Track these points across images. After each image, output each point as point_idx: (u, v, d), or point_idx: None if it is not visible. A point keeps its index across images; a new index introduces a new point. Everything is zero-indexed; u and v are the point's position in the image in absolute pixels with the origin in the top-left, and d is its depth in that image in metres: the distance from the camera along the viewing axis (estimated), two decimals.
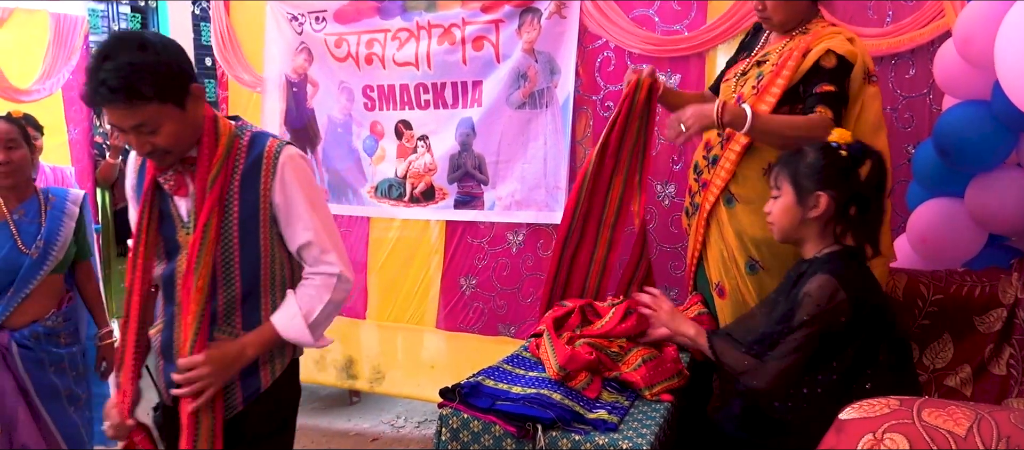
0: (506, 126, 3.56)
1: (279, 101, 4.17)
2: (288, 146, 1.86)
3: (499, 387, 1.88)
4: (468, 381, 1.91)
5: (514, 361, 2.10)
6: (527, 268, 3.68)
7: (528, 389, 1.85)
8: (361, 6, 3.81)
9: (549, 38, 3.40)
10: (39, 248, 2.58)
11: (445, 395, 1.88)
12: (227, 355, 1.81)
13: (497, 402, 1.79)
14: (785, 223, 2.00)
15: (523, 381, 1.94)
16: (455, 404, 1.84)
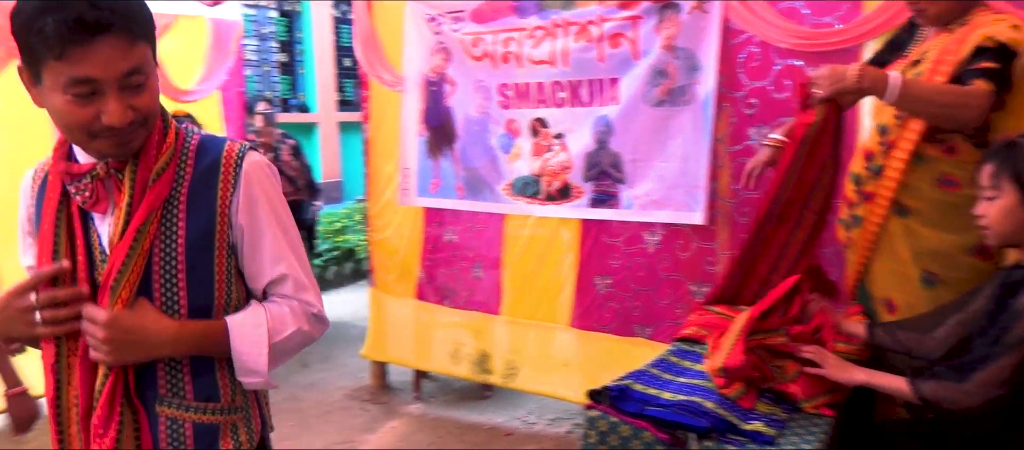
0: (644, 124, 3.50)
1: (418, 100, 4.28)
2: (252, 151, 1.44)
3: (648, 392, 1.85)
4: (615, 384, 1.88)
5: (661, 365, 2.06)
6: (664, 269, 3.62)
7: (678, 395, 1.82)
8: (498, 5, 3.85)
9: (690, 34, 3.32)
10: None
11: (593, 397, 1.87)
12: (138, 328, 1.32)
13: (647, 407, 1.76)
14: (1006, 227, 1.80)
15: (673, 387, 1.90)
16: (604, 407, 1.82)
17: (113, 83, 1.23)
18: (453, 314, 4.41)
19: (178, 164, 1.37)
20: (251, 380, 1.43)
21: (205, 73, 5.02)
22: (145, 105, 1.28)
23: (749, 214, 3.32)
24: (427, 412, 4.52)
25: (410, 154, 4.37)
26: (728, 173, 3.37)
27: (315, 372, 5.23)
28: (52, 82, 1.22)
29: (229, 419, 1.45)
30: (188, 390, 1.41)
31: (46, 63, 1.21)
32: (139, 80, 1.26)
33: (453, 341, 4.44)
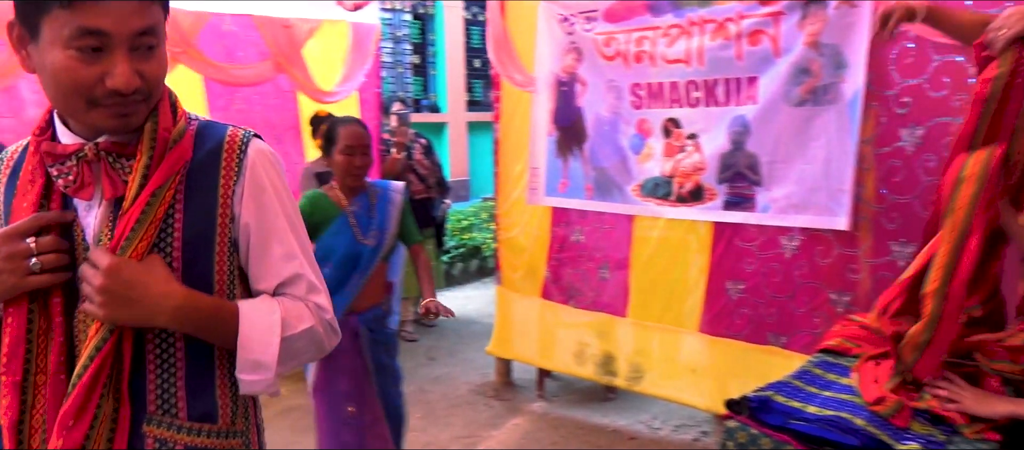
0: (784, 124, 3.36)
1: (548, 100, 4.29)
2: (257, 137, 1.31)
3: (792, 404, 1.77)
4: (756, 395, 1.81)
5: (804, 377, 1.96)
6: (802, 275, 3.46)
7: (825, 410, 1.72)
8: (632, 4, 3.80)
9: (836, 29, 3.15)
10: (375, 237, 2.85)
11: (731, 407, 1.81)
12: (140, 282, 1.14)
13: (790, 420, 1.69)
14: None
15: (818, 401, 1.80)
16: (743, 418, 1.76)
17: (124, 41, 1.09)
18: (578, 314, 4.40)
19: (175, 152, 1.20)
20: (255, 378, 1.23)
21: (345, 75, 5.23)
22: (152, 73, 1.14)
23: (897, 220, 3.13)
24: (550, 411, 4.53)
25: (539, 154, 4.39)
26: (875, 176, 3.18)
27: (442, 366, 5.35)
28: (53, 35, 1.07)
29: (226, 445, 1.25)
30: (181, 407, 1.21)
31: (49, 10, 1.06)
32: (150, 42, 1.13)
33: (577, 341, 4.43)
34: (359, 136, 2.84)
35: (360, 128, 2.88)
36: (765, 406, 1.74)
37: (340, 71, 5.24)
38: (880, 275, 3.21)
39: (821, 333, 3.39)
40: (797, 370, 2.03)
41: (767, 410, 1.73)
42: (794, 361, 3.49)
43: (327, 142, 2.92)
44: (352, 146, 2.81)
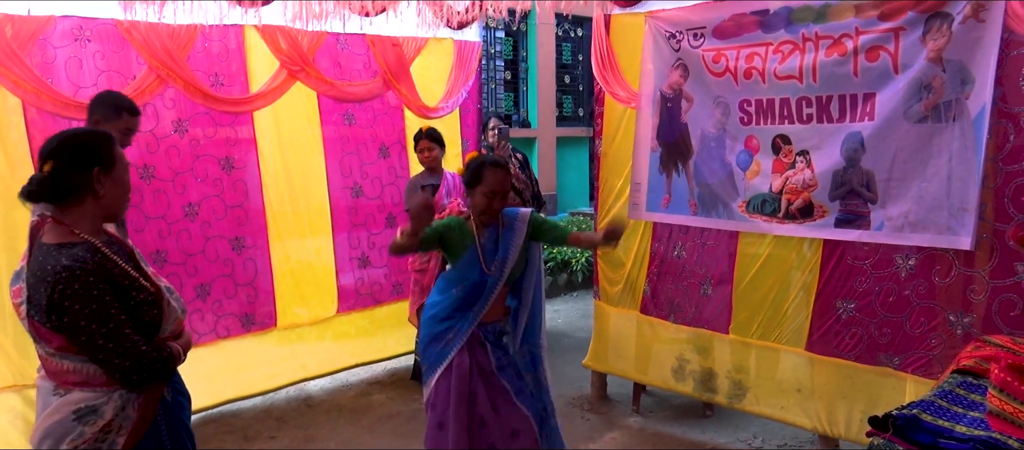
0: (902, 141, 3.31)
1: (652, 116, 4.32)
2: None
3: (940, 423, 1.76)
4: (902, 413, 1.80)
5: (949, 397, 1.94)
6: (918, 295, 3.39)
7: (975, 430, 1.71)
8: (742, 20, 3.80)
9: (961, 44, 3.09)
10: (497, 268, 3.11)
11: (875, 424, 1.80)
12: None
13: (941, 440, 1.68)
14: None
15: (966, 420, 1.79)
16: (888, 436, 1.75)
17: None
18: (678, 330, 4.39)
19: None
20: None
21: (448, 91, 5.37)
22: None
23: None
24: (646, 427, 4.53)
25: (642, 169, 4.42)
26: (1002, 195, 3.10)
27: None
28: None
29: None
30: None
31: None
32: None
33: (676, 357, 4.42)
34: (502, 182, 3.05)
35: (505, 174, 3.07)
36: (914, 425, 1.73)
37: (443, 87, 5.38)
38: (1004, 296, 3.13)
39: (938, 355, 3.32)
40: (937, 389, 2.00)
41: (915, 428, 1.72)
42: (907, 383, 3.43)
43: (472, 178, 3.08)
44: (495, 191, 3.03)
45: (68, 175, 2.02)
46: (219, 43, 4.37)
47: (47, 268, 1.96)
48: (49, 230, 2.05)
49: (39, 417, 2.09)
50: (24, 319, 2.03)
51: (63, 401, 2.04)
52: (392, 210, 5.33)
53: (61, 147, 2.04)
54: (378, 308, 5.32)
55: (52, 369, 2.06)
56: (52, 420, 2.04)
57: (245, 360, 4.65)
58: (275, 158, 4.68)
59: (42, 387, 2.11)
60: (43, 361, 2.09)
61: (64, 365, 2.04)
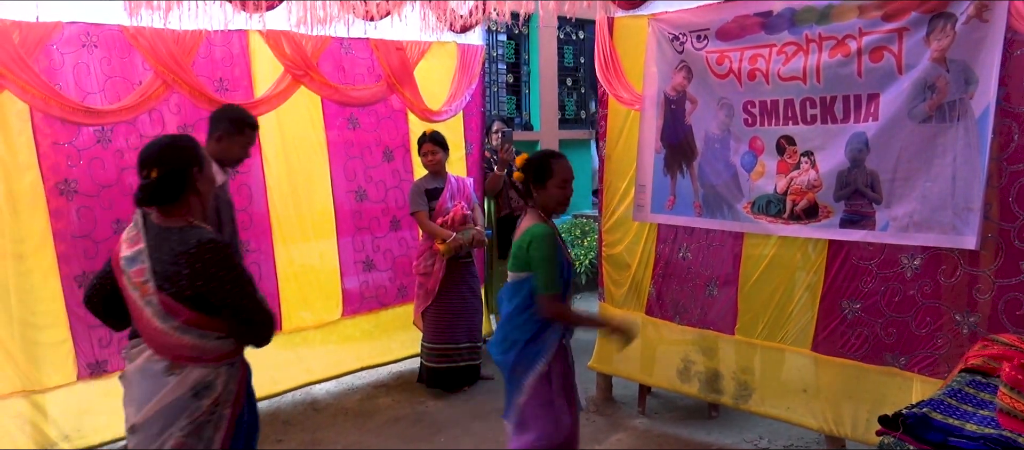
0: (907, 141, 3.31)
1: (656, 118, 4.33)
2: None
3: (950, 422, 1.77)
4: (912, 411, 1.81)
5: (958, 395, 1.95)
6: (924, 295, 3.39)
7: (986, 428, 1.72)
8: (746, 22, 3.82)
9: (965, 44, 3.10)
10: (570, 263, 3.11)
11: (885, 423, 1.81)
12: None
13: (950, 437, 1.68)
14: None
15: (976, 419, 1.79)
16: (898, 434, 1.76)
17: None
18: (684, 331, 4.40)
19: None
20: None
21: (451, 94, 5.38)
22: None
23: None
24: (652, 428, 4.53)
25: (646, 171, 4.43)
26: (1007, 194, 3.11)
27: None
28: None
29: None
30: None
31: None
32: None
33: (682, 358, 4.43)
34: (571, 169, 3.05)
35: (569, 161, 3.06)
36: (924, 423, 1.74)
37: (447, 91, 5.39)
38: (1010, 295, 3.14)
39: (945, 354, 3.33)
40: (946, 388, 2.01)
41: (925, 427, 1.73)
42: (913, 382, 3.43)
43: (540, 173, 3.02)
44: (568, 179, 3.02)
45: (172, 178, 2.30)
46: (223, 48, 4.39)
47: (189, 242, 2.26)
48: (162, 219, 2.33)
49: (147, 399, 2.29)
50: (151, 295, 2.27)
51: (180, 380, 2.29)
52: (396, 213, 5.34)
53: (162, 154, 2.32)
54: (383, 311, 5.33)
55: (169, 344, 2.28)
56: (172, 398, 2.28)
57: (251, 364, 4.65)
58: (279, 162, 4.69)
59: (148, 368, 2.31)
60: (157, 338, 2.29)
61: (184, 340, 2.28)
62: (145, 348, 2.34)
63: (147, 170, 2.31)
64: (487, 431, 4.40)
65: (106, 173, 4.02)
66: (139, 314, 2.32)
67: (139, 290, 2.30)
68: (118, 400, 2.31)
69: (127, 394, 2.39)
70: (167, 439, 2.29)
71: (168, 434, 2.29)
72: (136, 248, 2.33)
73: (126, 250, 2.35)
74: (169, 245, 2.29)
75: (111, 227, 4.02)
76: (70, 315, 3.90)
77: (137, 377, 2.35)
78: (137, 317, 2.34)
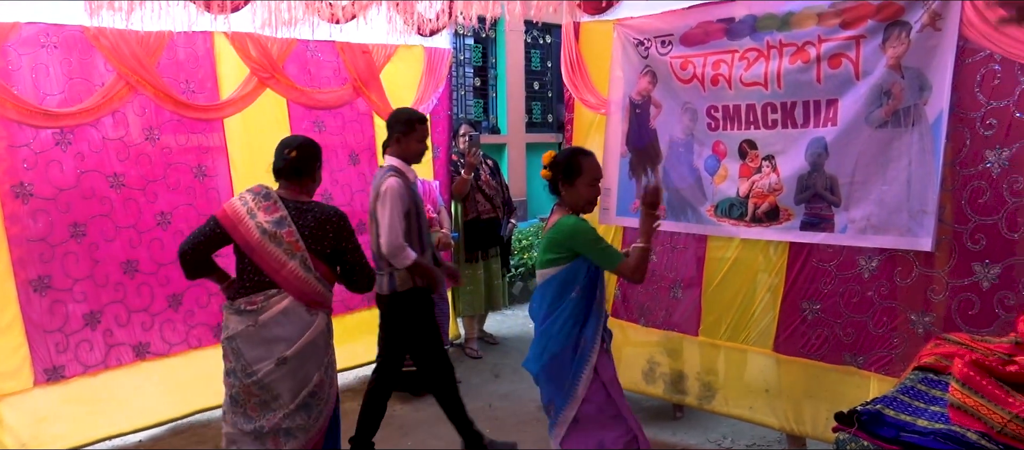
0: (864, 146, 3.40)
1: (621, 122, 4.38)
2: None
3: (902, 418, 1.82)
4: (866, 408, 1.87)
5: (910, 392, 2.01)
6: (881, 296, 3.48)
7: (936, 423, 1.77)
8: (709, 28, 3.88)
9: (919, 52, 3.20)
10: None
11: (841, 420, 1.86)
12: None
13: (902, 433, 1.74)
14: None
15: (927, 415, 1.85)
16: (853, 430, 1.81)
17: None
18: (648, 333, 4.45)
19: None
20: None
21: (418, 97, 5.39)
22: None
23: (982, 241, 3.14)
24: None
25: (612, 175, 4.47)
26: (959, 197, 3.20)
27: (507, 383, 5.42)
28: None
29: None
30: None
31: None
32: None
33: (647, 359, 4.47)
34: (600, 168, 3.06)
35: (597, 159, 3.06)
36: (877, 419, 1.79)
37: (414, 94, 5.39)
38: (963, 296, 3.23)
39: (900, 353, 3.41)
40: (899, 386, 2.07)
41: (879, 423, 1.78)
42: (871, 381, 3.51)
43: (569, 170, 3.00)
44: (598, 177, 3.02)
45: (304, 161, 3.04)
46: (188, 50, 4.34)
47: (330, 213, 3.04)
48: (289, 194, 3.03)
49: (298, 335, 2.95)
50: (302, 251, 2.93)
51: (319, 321, 3.01)
52: (362, 217, 5.31)
53: (302, 143, 3.11)
54: (348, 315, 5.30)
55: (309, 291, 2.96)
56: (315, 334, 3.00)
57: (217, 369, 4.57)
58: (246, 165, 4.66)
59: (294, 311, 2.95)
60: (300, 286, 2.93)
61: (318, 288, 2.99)
62: (285, 296, 2.92)
63: (287, 151, 3.02)
64: (454, 433, 4.39)
65: (64, 176, 3.96)
66: (279, 267, 2.90)
67: (289, 247, 2.91)
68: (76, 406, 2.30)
69: (263, 334, 2.93)
70: (314, 372, 3.00)
71: (314, 366, 3.00)
72: (278, 215, 2.93)
73: (265, 216, 2.92)
74: (311, 215, 2.99)
75: (68, 230, 3.96)
76: (26, 321, 3.84)
77: (282, 319, 2.92)
78: (276, 270, 2.90)
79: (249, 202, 2.95)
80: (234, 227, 2.91)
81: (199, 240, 2.97)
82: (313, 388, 2.99)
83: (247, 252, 2.91)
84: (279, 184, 3.06)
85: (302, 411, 2.97)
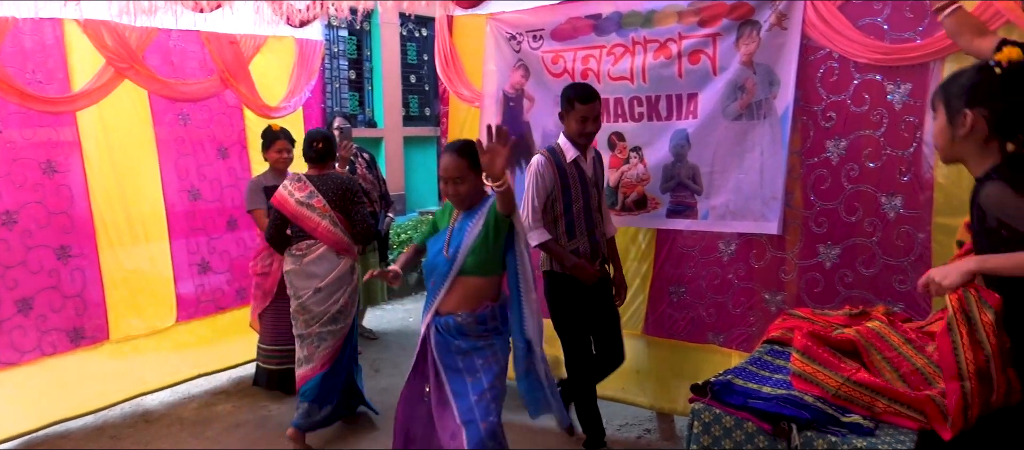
0: (722, 137, 3.61)
1: (496, 116, 4.44)
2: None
3: (750, 386, 1.96)
4: (718, 379, 2.00)
5: (758, 363, 2.17)
6: (738, 277, 3.71)
7: (778, 390, 1.93)
8: (578, 24, 4.01)
9: (769, 50, 3.43)
10: (452, 252, 2.92)
11: (696, 391, 1.98)
12: None
13: (749, 400, 1.88)
14: (941, 144, 2.02)
15: (771, 382, 2.01)
16: (707, 400, 1.94)
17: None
18: None
19: None
20: None
21: (290, 90, 5.26)
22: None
23: (825, 224, 3.41)
24: None
25: None
26: (804, 185, 3.46)
27: (387, 377, 5.40)
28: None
29: None
30: None
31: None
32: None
33: None
34: (446, 168, 2.90)
35: (454, 159, 2.89)
36: (728, 388, 1.93)
37: (285, 86, 5.27)
38: (810, 275, 3.50)
39: (756, 330, 3.66)
40: (750, 358, 2.23)
41: (729, 392, 1.92)
42: (731, 358, 3.74)
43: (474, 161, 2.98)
44: (444, 177, 2.92)
45: (327, 151, 4.15)
46: (34, 38, 4.06)
47: (345, 181, 4.11)
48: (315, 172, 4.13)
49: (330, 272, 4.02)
50: (330, 212, 4.00)
51: (344, 262, 4.07)
52: (233, 213, 5.16)
53: (325, 136, 4.18)
54: (220, 315, 5.13)
55: (337, 241, 4.02)
56: (343, 271, 4.06)
57: (74, 377, 4.35)
58: (103, 161, 4.41)
59: (327, 256, 4.04)
60: (331, 238, 4.02)
61: (343, 238, 4.04)
62: (320, 245, 4.03)
63: (316, 143, 4.10)
64: (333, 431, 4.34)
65: None
66: (316, 225, 4.00)
67: (320, 211, 3.99)
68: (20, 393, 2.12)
69: (306, 270, 4.03)
70: (340, 297, 4.04)
71: (340, 293, 4.04)
72: (308, 190, 4.01)
73: (299, 194, 4.01)
74: (332, 184, 4.03)
75: None
76: None
77: (318, 261, 4.03)
78: (314, 228, 4.00)
79: (288, 186, 4.06)
80: (282, 206, 4.03)
81: (274, 225, 4.10)
82: (340, 307, 4.05)
83: (292, 219, 4.02)
84: (309, 166, 4.15)
85: (331, 323, 4.04)
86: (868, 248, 3.32)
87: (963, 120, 1.91)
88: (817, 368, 1.99)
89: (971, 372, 1.74)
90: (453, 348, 2.98)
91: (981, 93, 1.90)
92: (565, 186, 3.53)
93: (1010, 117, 1.88)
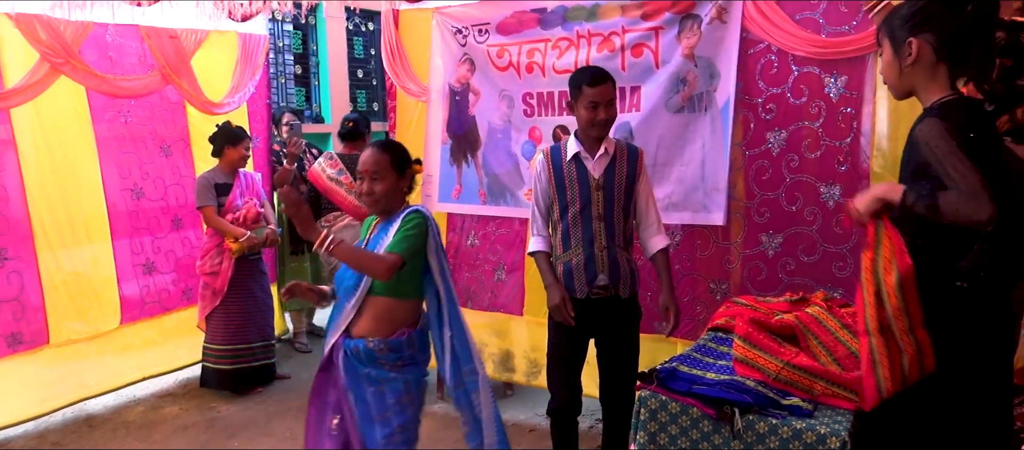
0: (664, 130, 3.67)
1: (442, 110, 4.45)
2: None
3: (694, 373, 2.02)
4: (664, 367, 2.05)
5: (702, 350, 2.23)
6: (683, 268, 3.78)
7: (722, 376, 1.98)
8: (523, 18, 4.03)
9: (709, 43, 3.50)
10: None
11: (643, 378, 2.03)
12: None
13: (694, 386, 1.93)
14: (890, 78, 2.03)
15: (715, 368, 2.07)
16: (653, 387, 1.98)
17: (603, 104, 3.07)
18: (476, 316, 4.55)
19: None
20: None
21: (234, 86, 5.17)
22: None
23: (766, 214, 3.50)
24: (450, 411, 4.64)
25: (433, 162, 4.53)
26: (746, 175, 3.54)
27: None
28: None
29: None
30: None
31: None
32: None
33: (476, 341, 4.55)
34: (364, 161, 2.65)
35: (374, 153, 2.67)
36: (673, 375, 1.98)
37: (229, 82, 5.18)
38: (753, 264, 3.59)
39: (702, 320, 3.74)
40: (695, 345, 2.29)
41: (674, 379, 1.97)
42: (678, 347, 3.81)
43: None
44: (361, 173, 2.67)
45: (359, 129, 5.09)
46: None
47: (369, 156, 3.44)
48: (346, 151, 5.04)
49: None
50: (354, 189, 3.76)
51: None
52: (177, 212, 5.06)
53: (359, 117, 5.18)
54: (166, 316, 5.03)
55: (360, 215, 4.45)
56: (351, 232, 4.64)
57: (12, 384, 4.23)
58: (40, 160, 4.28)
59: (351, 223, 4.82)
60: (354, 210, 4.76)
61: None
62: (345, 216, 4.88)
63: (348, 122, 5.11)
64: (286, 429, 4.31)
65: None
66: (343, 199, 4.80)
67: (347, 187, 4.72)
68: None
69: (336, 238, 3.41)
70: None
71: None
72: (338, 168, 4.83)
73: (330, 170, 4.85)
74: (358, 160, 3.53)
75: None
76: None
77: (345, 229, 4.80)
78: (342, 201, 4.81)
79: (322, 163, 4.87)
80: (316, 181, 4.83)
81: (307, 198, 4.60)
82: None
83: (323, 193, 4.76)
84: (343, 145, 5.07)
85: None
86: (809, 236, 3.42)
87: (908, 49, 1.93)
88: (758, 353, 2.05)
89: (875, 328, 1.79)
90: (362, 375, 2.64)
91: (922, 19, 1.91)
92: (560, 187, 3.15)
93: (954, 39, 1.89)
